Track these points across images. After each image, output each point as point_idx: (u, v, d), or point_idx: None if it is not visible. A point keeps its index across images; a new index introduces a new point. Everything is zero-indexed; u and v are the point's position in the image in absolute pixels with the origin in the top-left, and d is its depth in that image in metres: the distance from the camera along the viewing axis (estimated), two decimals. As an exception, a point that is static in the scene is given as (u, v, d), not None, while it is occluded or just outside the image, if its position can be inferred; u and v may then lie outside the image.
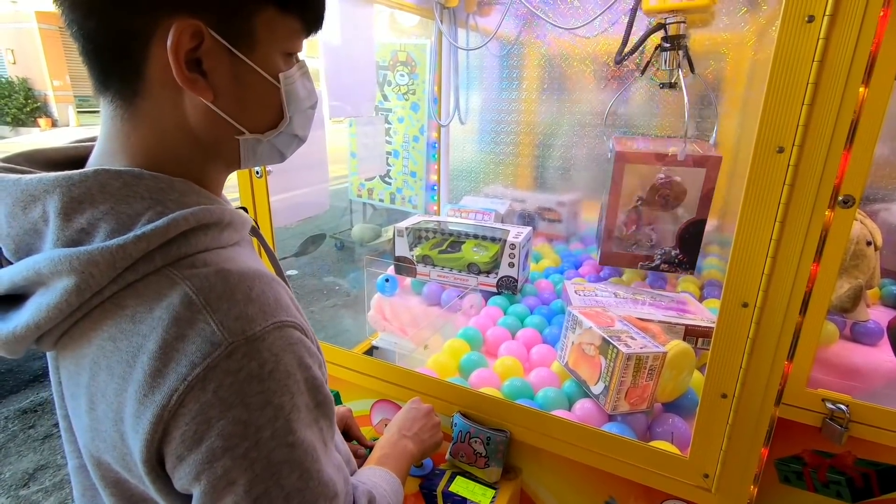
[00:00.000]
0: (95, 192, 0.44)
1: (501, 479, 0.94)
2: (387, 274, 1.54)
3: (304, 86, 0.55)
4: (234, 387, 0.41)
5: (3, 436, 2.38)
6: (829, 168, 0.58)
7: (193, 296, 0.42)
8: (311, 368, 0.48)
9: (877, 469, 0.86)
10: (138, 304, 0.43)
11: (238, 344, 0.42)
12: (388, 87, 2.36)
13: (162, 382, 0.41)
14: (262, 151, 0.54)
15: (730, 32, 1.44)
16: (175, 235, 0.44)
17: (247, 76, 0.49)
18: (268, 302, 0.45)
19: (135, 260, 0.43)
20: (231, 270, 0.45)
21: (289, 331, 0.46)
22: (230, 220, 0.50)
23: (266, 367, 0.43)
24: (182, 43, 0.44)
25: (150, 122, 0.48)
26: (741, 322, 0.68)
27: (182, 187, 0.48)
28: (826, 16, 0.54)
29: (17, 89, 13.31)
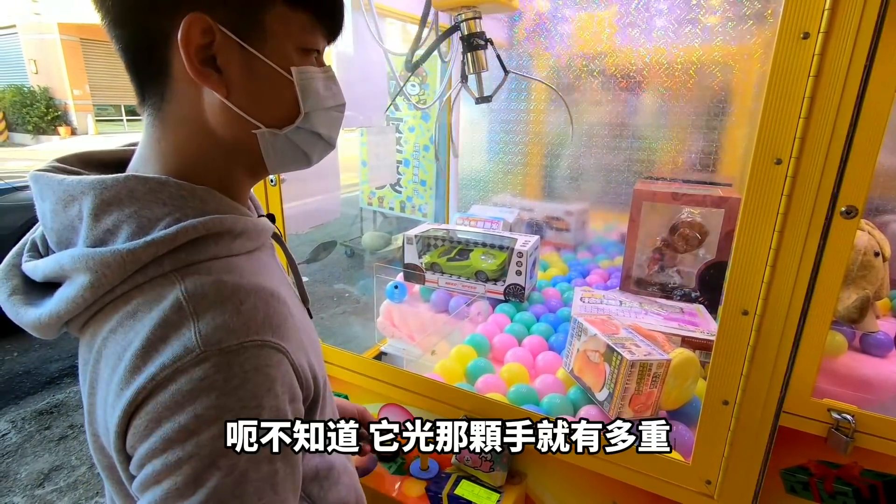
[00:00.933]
0: (123, 196, 0.47)
1: (506, 484, 0.95)
2: (396, 281, 1.56)
3: (327, 87, 0.56)
4: (191, 393, 0.42)
5: (19, 436, 2.43)
6: (826, 179, 0.60)
7: (184, 301, 0.44)
8: (278, 398, 0.46)
9: (884, 480, 0.86)
10: (142, 303, 0.45)
11: (209, 353, 0.42)
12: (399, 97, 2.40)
13: (137, 378, 0.43)
14: (282, 149, 0.55)
15: (737, 45, 1.46)
16: (184, 242, 0.46)
17: (259, 70, 0.50)
18: (256, 317, 0.45)
19: (144, 264, 0.45)
20: (227, 282, 0.46)
21: (270, 352, 0.46)
22: (243, 230, 0.51)
23: (231, 382, 0.43)
24: (192, 38, 0.46)
25: (176, 126, 0.51)
26: (742, 329, 0.69)
27: (204, 195, 0.50)
28: (821, 32, 0.56)
29: (38, 98, 13.65)
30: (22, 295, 0.50)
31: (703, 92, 1.55)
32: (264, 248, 0.58)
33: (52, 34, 13.42)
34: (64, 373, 2.97)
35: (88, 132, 14.07)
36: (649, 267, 1.44)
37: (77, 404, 2.67)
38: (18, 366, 3.02)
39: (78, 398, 2.72)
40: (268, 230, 0.57)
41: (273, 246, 0.63)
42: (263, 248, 0.58)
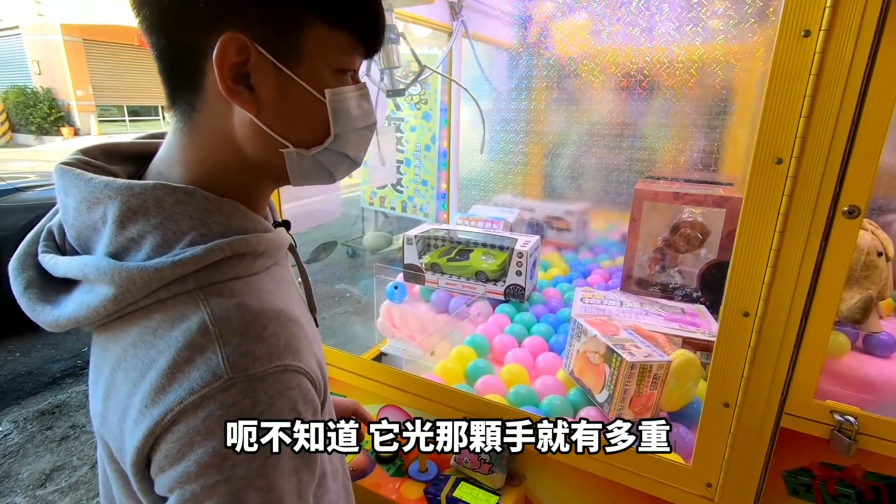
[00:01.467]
0: (150, 206, 0.47)
1: (505, 486, 0.95)
2: (396, 281, 1.56)
3: (360, 105, 0.55)
4: (222, 419, 0.43)
5: (21, 436, 2.44)
6: (827, 179, 0.59)
7: (210, 324, 0.45)
8: (302, 416, 0.48)
9: (887, 483, 0.85)
10: (163, 320, 0.46)
11: (238, 380, 0.44)
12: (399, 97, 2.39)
13: (163, 399, 0.43)
14: (307, 168, 0.54)
15: (739, 43, 1.45)
16: (212, 262, 0.47)
17: (292, 91, 0.50)
18: (278, 344, 0.47)
19: (169, 281, 0.46)
20: (251, 306, 0.47)
21: (291, 375, 0.47)
22: (265, 249, 0.51)
23: (258, 407, 0.44)
24: (227, 56, 0.46)
25: (204, 136, 0.51)
26: (742, 331, 0.68)
27: (229, 209, 0.50)
28: (822, 30, 0.55)
29: (41, 99, 13.70)
30: (38, 289, 0.50)
31: (704, 91, 1.54)
32: (280, 260, 0.58)
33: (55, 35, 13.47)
34: (66, 373, 2.97)
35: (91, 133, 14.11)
36: (650, 267, 1.43)
37: (79, 404, 2.68)
38: (21, 366, 3.03)
39: (80, 398, 2.73)
40: (285, 243, 0.57)
41: (286, 257, 0.63)
42: (280, 260, 0.58)
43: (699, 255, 1.37)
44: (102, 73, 14.12)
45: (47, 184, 3.56)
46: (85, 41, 13.68)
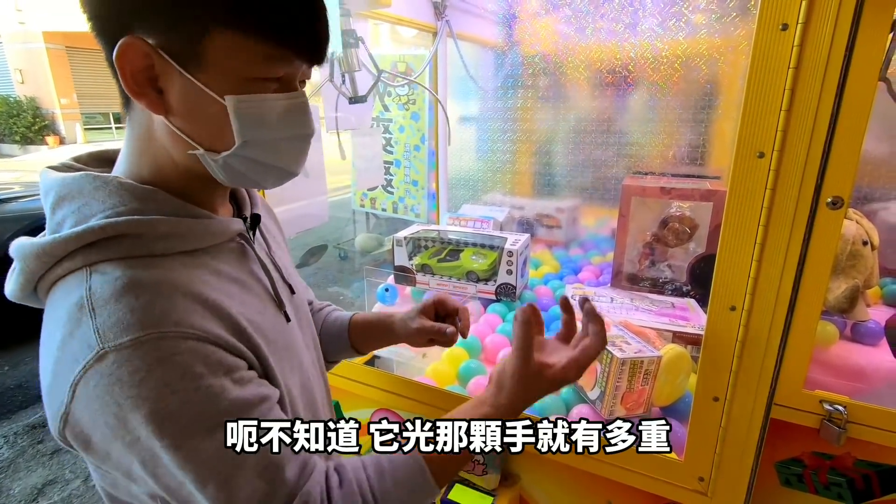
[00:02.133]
0: (74, 193, 0.52)
1: (500, 486, 0.94)
2: (386, 283, 1.55)
3: (283, 115, 0.54)
4: (107, 388, 0.45)
5: (12, 451, 2.40)
6: (808, 171, 0.59)
7: (85, 299, 0.47)
8: (203, 377, 0.48)
9: (877, 470, 0.86)
10: (60, 295, 0.50)
11: (108, 350, 0.45)
12: (388, 97, 2.38)
13: (61, 371, 0.47)
14: (226, 171, 0.55)
15: (722, 37, 1.46)
16: (94, 241, 0.49)
17: (195, 95, 0.50)
18: (151, 313, 0.47)
19: (59, 258, 0.49)
20: (128, 278, 0.48)
21: (172, 342, 0.47)
22: (165, 233, 0.52)
23: (136, 375, 0.45)
24: (129, 59, 0.48)
25: (136, 135, 0.55)
26: (729, 325, 0.69)
27: (144, 194, 0.52)
28: (799, 24, 0.55)
29: (25, 108, 13.53)
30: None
31: (689, 85, 1.55)
32: (219, 250, 0.58)
33: (38, 43, 13.31)
34: (56, 385, 2.94)
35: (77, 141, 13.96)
36: (640, 262, 1.43)
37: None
38: (10, 380, 2.99)
39: (71, 410, 2.70)
40: (216, 233, 0.57)
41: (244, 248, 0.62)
42: (217, 250, 0.58)
43: (688, 248, 1.38)
44: (87, 81, 13.98)
45: (32, 194, 3.50)
46: (68, 48, 13.53)
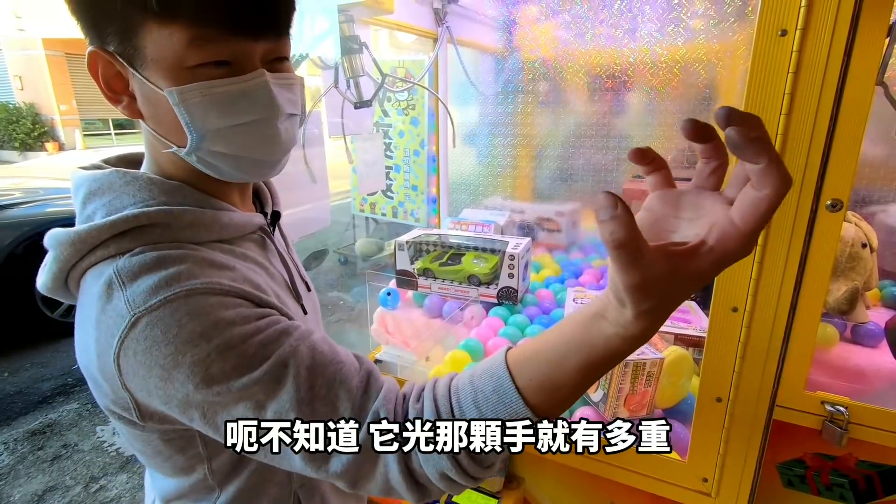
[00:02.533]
0: (105, 188, 0.54)
1: (504, 489, 0.95)
2: (388, 287, 1.56)
3: (234, 100, 0.51)
4: (146, 352, 0.47)
5: (12, 458, 2.39)
6: (808, 174, 0.60)
7: (115, 276, 0.49)
8: (234, 325, 0.48)
9: (879, 471, 0.86)
10: (92, 280, 0.51)
11: (139, 315, 0.47)
12: (387, 102, 2.40)
13: (105, 347, 0.48)
14: (207, 167, 0.55)
15: (720, 43, 1.47)
16: (127, 229, 0.51)
17: (150, 94, 0.51)
18: (179, 275, 0.48)
19: (93, 246, 0.51)
20: (156, 253, 0.50)
21: (202, 297, 0.48)
22: (191, 221, 0.53)
23: (169, 332, 0.46)
24: (98, 69, 0.51)
25: (146, 138, 0.57)
26: (731, 327, 0.69)
27: (171, 189, 0.55)
28: (798, 30, 0.56)
29: (24, 115, 13.56)
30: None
31: (688, 90, 1.56)
32: (243, 241, 0.60)
33: (37, 50, 13.35)
34: (56, 391, 2.93)
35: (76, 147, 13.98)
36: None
37: (71, 423, 2.64)
38: (9, 386, 2.98)
39: (71, 417, 2.69)
40: (239, 225, 0.59)
41: (265, 242, 0.64)
42: (242, 241, 0.60)
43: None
44: (86, 87, 14.01)
45: (32, 201, 3.50)
46: (67, 55, 13.56)
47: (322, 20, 1.23)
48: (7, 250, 3.19)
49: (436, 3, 1.73)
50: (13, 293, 3.17)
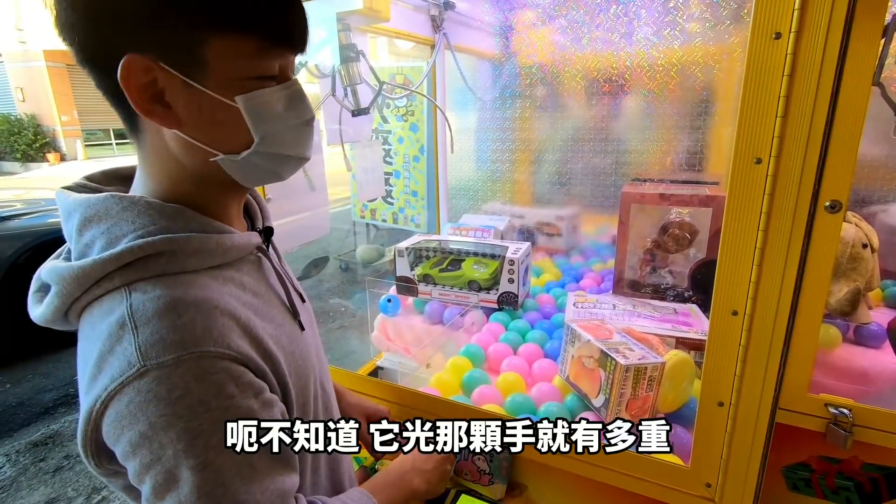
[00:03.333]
0: (102, 214, 0.52)
1: (506, 496, 0.94)
2: (389, 294, 1.56)
3: (288, 104, 0.56)
4: (141, 405, 0.46)
5: (14, 469, 2.39)
6: (806, 176, 0.60)
7: (127, 317, 0.48)
8: (234, 398, 0.49)
9: (885, 473, 0.86)
10: (98, 315, 0.50)
11: (149, 368, 0.46)
12: (386, 109, 2.41)
13: (94, 387, 0.48)
14: (247, 171, 0.56)
15: (716, 45, 1.48)
16: (132, 260, 0.50)
17: (205, 103, 0.51)
18: (193, 331, 0.48)
19: (97, 279, 0.50)
20: (169, 297, 0.49)
21: (211, 361, 0.48)
22: (196, 248, 0.53)
23: (174, 393, 0.46)
24: (133, 77, 0.49)
25: (149, 153, 0.55)
26: (732, 330, 0.69)
27: (172, 212, 0.54)
28: (792, 32, 0.56)
29: (26, 126, 13.63)
30: (40, 293, 0.57)
31: (685, 93, 1.57)
32: (241, 263, 0.60)
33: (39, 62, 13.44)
34: (58, 402, 2.93)
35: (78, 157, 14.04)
36: (641, 268, 1.44)
37: (72, 434, 2.63)
38: (11, 397, 2.98)
39: (73, 428, 2.68)
40: (242, 246, 0.59)
41: (261, 260, 0.64)
42: (240, 263, 0.59)
43: (689, 254, 1.38)
44: (87, 98, 14.09)
45: (34, 212, 3.52)
46: (69, 66, 13.66)
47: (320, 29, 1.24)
48: (9, 261, 3.20)
49: (432, 11, 1.73)
50: (15, 304, 3.16)
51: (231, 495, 0.48)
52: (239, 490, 0.49)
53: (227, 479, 0.48)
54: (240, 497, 0.49)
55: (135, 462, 0.47)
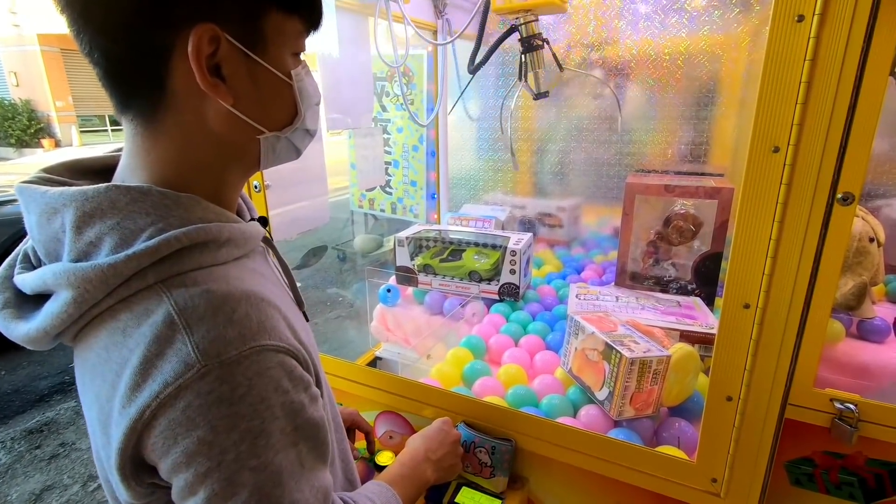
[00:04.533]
0: (105, 208, 0.46)
1: (508, 489, 0.93)
2: (388, 284, 1.54)
3: (311, 83, 0.58)
4: (202, 408, 0.43)
5: (9, 457, 2.38)
6: (825, 166, 0.58)
7: (175, 316, 0.44)
8: (289, 393, 0.48)
9: (889, 469, 0.85)
10: (129, 318, 0.45)
11: (211, 367, 0.43)
12: (386, 97, 2.37)
13: (138, 396, 0.43)
14: (280, 149, 0.57)
15: (723, 33, 1.45)
16: (168, 254, 0.46)
17: (262, 77, 0.51)
18: (250, 325, 0.46)
19: (127, 277, 0.45)
20: (216, 291, 0.46)
21: (269, 355, 0.46)
22: (228, 238, 0.50)
23: (237, 391, 0.44)
24: (202, 49, 0.46)
25: (173, 134, 0.50)
26: (743, 323, 0.67)
27: (188, 202, 0.49)
28: (816, 14, 0.54)
29: (20, 111, 13.47)
30: (14, 308, 0.50)
31: (691, 82, 1.54)
32: (254, 253, 0.58)
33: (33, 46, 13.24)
34: (53, 390, 2.91)
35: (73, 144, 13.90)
36: (644, 260, 1.42)
37: (68, 422, 2.62)
38: (6, 384, 2.96)
39: (68, 415, 2.67)
40: (256, 235, 0.57)
41: (265, 251, 0.63)
42: (253, 253, 0.57)
43: (692, 247, 1.37)
44: (82, 83, 13.92)
45: (28, 197, 3.48)
46: (63, 51, 13.46)
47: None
48: (3, 247, 3.17)
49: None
50: (9, 291, 3.14)
51: (288, 495, 0.46)
52: (293, 489, 0.47)
53: (284, 478, 0.47)
54: (294, 496, 0.47)
55: (187, 473, 0.44)
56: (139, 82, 0.48)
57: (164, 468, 0.45)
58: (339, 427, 0.71)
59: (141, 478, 0.47)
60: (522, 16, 1.23)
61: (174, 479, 0.45)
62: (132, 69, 0.47)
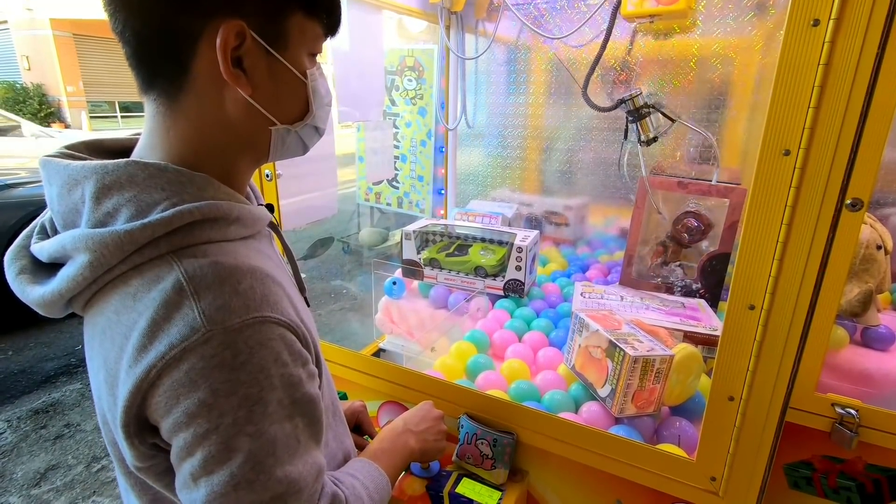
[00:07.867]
0: (124, 181, 0.49)
1: (508, 481, 0.94)
2: (394, 277, 1.55)
3: (323, 84, 0.61)
4: (204, 371, 0.45)
5: (15, 436, 2.41)
6: (835, 171, 0.58)
7: (184, 282, 0.46)
8: (288, 366, 0.50)
9: (887, 475, 0.85)
10: (140, 284, 0.48)
11: (215, 332, 0.45)
12: (395, 91, 2.37)
13: (145, 356, 0.46)
14: (289, 142, 0.60)
15: (737, 37, 1.44)
16: (180, 226, 0.48)
17: (280, 73, 0.54)
18: (254, 297, 0.48)
19: (141, 245, 0.47)
20: (224, 263, 0.49)
21: (270, 327, 0.49)
22: (238, 216, 0.53)
23: (238, 358, 0.46)
24: (228, 42, 0.49)
25: (191, 116, 0.53)
26: (748, 324, 0.68)
27: (201, 181, 0.52)
28: (832, 19, 0.54)
29: (31, 95, 13.53)
30: (29, 274, 0.53)
31: (702, 85, 1.54)
32: (260, 236, 0.60)
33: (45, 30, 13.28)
34: (59, 371, 2.94)
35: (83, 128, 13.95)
36: (651, 260, 1.43)
37: (73, 403, 2.66)
38: (13, 365, 3.00)
39: (74, 397, 2.71)
40: (264, 219, 0.59)
41: (270, 235, 0.66)
42: (259, 236, 0.60)
43: (701, 248, 1.37)
44: (93, 69, 13.94)
45: (37, 180, 3.50)
46: (75, 36, 13.49)
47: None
48: (13, 230, 3.20)
49: (449, -10, 1.70)
50: (18, 273, 3.17)
51: (280, 465, 0.48)
52: (286, 461, 0.49)
53: (279, 449, 0.48)
54: (286, 468, 0.49)
55: (187, 433, 0.46)
56: (165, 63, 0.51)
57: (165, 428, 0.47)
58: (337, 413, 0.72)
59: (144, 437, 0.49)
60: (631, 92, 1.36)
61: (174, 439, 0.47)
62: (160, 50, 0.50)
